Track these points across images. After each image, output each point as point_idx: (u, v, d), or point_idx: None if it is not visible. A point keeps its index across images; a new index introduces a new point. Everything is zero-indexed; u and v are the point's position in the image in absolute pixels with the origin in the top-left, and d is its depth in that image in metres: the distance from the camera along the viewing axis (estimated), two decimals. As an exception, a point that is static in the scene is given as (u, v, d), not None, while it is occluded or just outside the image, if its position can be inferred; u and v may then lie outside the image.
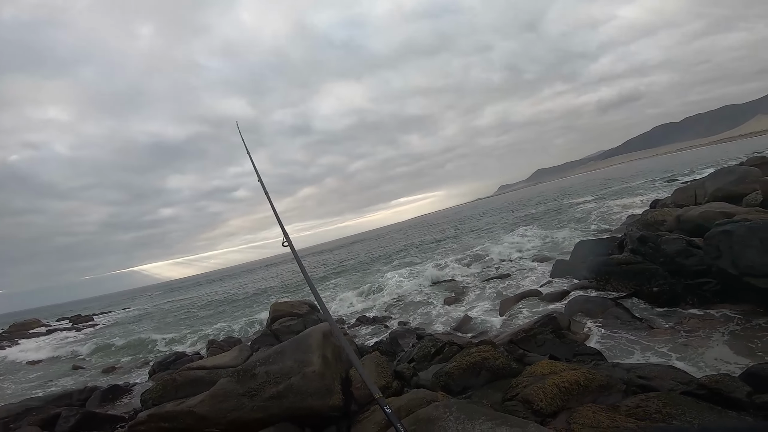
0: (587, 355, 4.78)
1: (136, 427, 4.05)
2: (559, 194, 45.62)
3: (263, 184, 3.64)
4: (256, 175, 3.70)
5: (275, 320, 10.76)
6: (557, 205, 31.15)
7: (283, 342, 5.84)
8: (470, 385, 4.35)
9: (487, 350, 4.76)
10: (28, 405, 5.85)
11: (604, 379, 3.35)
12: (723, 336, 4.90)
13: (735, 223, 6.05)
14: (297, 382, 4.07)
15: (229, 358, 5.74)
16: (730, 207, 8.71)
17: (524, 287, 9.66)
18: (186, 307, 26.90)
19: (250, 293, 26.02)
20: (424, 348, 6.33)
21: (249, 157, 3.74)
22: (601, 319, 6.37)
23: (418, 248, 26.82)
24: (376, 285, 14.59)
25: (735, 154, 35.64)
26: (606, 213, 18.22)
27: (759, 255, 5.16)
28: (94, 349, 14.95)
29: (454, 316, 8.99)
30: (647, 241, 8.29)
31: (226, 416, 3.81)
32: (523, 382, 3.64)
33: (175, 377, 4.94)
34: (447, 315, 9.38)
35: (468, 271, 13.33)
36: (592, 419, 2.66)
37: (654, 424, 2.39)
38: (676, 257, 7.03)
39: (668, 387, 3.15)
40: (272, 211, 3.36)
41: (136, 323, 22.73)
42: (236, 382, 4.13)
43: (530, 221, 23.99)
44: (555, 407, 3.10)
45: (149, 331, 17.16)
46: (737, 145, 66.61)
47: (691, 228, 8.71)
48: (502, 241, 16.75)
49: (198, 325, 16.83)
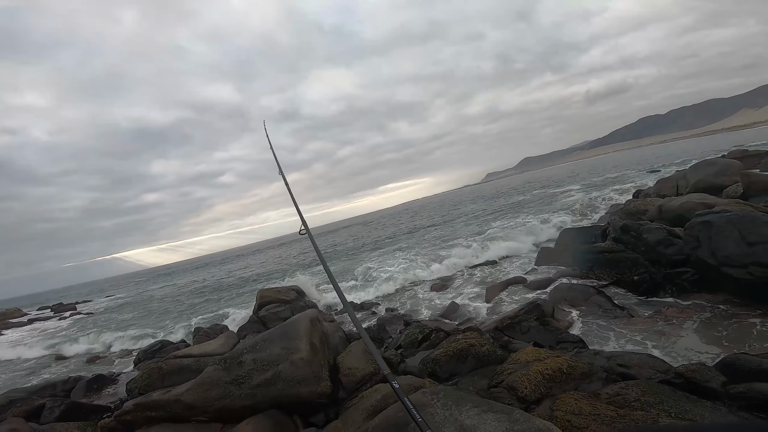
0: (570, 343, 4.91)
1: (123, 417, 4.02)
2: (546, 183, 46.20)
3: (284, 175, 3.62)
4: (278, 168, 3.68)
5: (262, 307, 10.71)
6: (544, 193, 31.56)
7: (271, 329, 5.83)
8: (457, 372, 4.42)
9: (474, 337, 4.83)
10: (12, 396, 5.75)
11: (585, 366, 3.45)
12: (698, 325, 5.08)
13: (715, 214, 6.20)
14: (285, 370, 4.08)
15: (215, 345, 5.71)
16: (710, 198, 8.94)
17: (510, 274, 9.82)
18: (171, 294, 26.62)
19: (237, 280, 25.86)
20: (411, 334, 6.41)
21: (272, 153, 3.72)
22: (583, 306, 6.53)
23: (405, 235, 26.95)
24: (363, 271, 14.63)
25: (718, 146, 36.49)
26: (590, 202, 18.53)
27: (737, 246, 5.32)
28: (77, 338, 14.71)
29: (441, 303, 9.10)
30: (629, 230, 8.48)
31: (214, 404, 3.80)
32: (508, 369, 3.72)
33: (161, 366, 4.89)
34: (434, 301, 9.49)
35: (454, 258, 13.46)
36: (575, 406, 2.74)
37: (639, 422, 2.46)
38: (657, 246, 7.21)
39: (647, 375, 3.26)
40: (294, 204, 3.35)
41: (120, 312, 22.41)
42: (223, 370, 4.12)
43: (517, 209, 24.29)
44: (539, 394, 3.18)
45: (133, 320, 16.96)
46: (720, 139, 68.15)
47: (672, 218, 8.94)
48: (488, 228, 16.93)
49: (183, 312, 16.70)
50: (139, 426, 3.92)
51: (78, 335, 15.22)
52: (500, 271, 10.49)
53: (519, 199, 31.63)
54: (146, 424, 3.91)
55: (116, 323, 17.03)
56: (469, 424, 2.50)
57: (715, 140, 65.58)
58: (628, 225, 8.70)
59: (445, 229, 24.18)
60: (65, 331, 17.50)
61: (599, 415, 2.60)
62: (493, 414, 2.55)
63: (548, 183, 44.61)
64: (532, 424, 2.37)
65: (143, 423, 3.93)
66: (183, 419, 3.88)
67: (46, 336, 17.77)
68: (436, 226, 27.09)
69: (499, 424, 2.41)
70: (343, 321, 9.53)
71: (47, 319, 25.02)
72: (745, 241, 5.27)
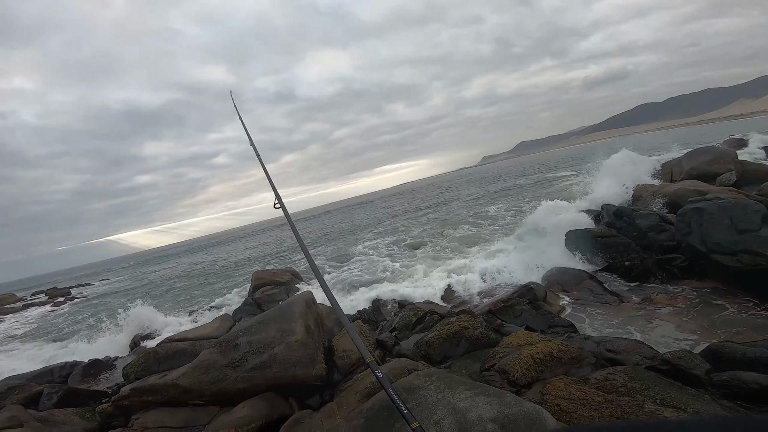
0: (561, 327, 4.99)
1: (120, 402, 4.05)
2: (542, 167, 46.16)
3: (255, 146, 3.55)
4: (248, 137, 3.60)
5: (257, 289, 10.75)
6: (539, 177, 31.58)
7: (266, 311, 5.86)
8: (450, 355, 4.49)
9: (467, 320, 4.89)
10: (10, 383, 5.77)
11: (576, 351, 3.52)
12: (686, 312, 5.17)
13: (707, 201, 6.24)
14: (280, 352, 4.12)
15: (211, 329, 5.75)
16: (703, 185, 9.00)
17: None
18: (165, 277, 26.61)
19: (232, 262, 25.88)
20: (405, 317, 6.48)
21: (241, 122, 3.64)
22: (575, 291, 6.63)
23: (403, 216, 26.99)
24: (359, 253, 14.69)
25: (714, 135, 36.43)
26: (585, 186, 18.60)
27: (728, 233, 5.38)
28: (72, 323, 14.74)
29: (436, 285, 9.16)
30: (622, 215, 8.55)
31: (210, 388, 3.84)
32: (501, 352, 3.79)
33: (157, 350, 4.92)
34: (429, 284, 9.55)
35: (448, 239, 13.55)
36: (564, 391, 2.81)
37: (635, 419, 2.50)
38: (649, 232, 7.28)
39: (634, 361, 3.34)
40: (264, 173, 3.29)
41: (115, 296, 22.40)
42: (219, 353, 4.15)
43: (513, 193, 24.33)
44: (530, 378, 3.25)
45: (128, 304, 17.00)
46: (716, 127, 68.03)
47: (665, 204, 9.01)
48: (484, 211, 16.99)
49: (179, 295, 16.74)
50: (137, 410, 3.96)
51: (73, 321, 15.24)
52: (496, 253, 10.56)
53: (515, 183, 31.65)
54: (143, 408, 3.95)
55: (112, 308, 17.06)
56: (461, 407, 2.55)
57: (712, 129, 65.55)
58: (621, 210, 8.78)
59: (440, 210, 24.22)
60: (61, 318, 17.46)
61: (588, 400, 2.67)
62: (485, 397, 2.60)
63: (545, 167, 44.60)
64: (523, 407, 2.42)
65: (140, 407, 3.97)
66: (180, 403, 3.92)
67: (42, 322, 17.76)
68: (432, 208, 27.14)
69: (491, 408, 2.46)
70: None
71: (42, 305, 24.84)
72: (736, 229, 5.33)
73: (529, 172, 41.64)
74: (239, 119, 3.78)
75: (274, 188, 2.96)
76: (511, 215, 15.81)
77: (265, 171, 3.25)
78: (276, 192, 2.91)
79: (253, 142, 3.56)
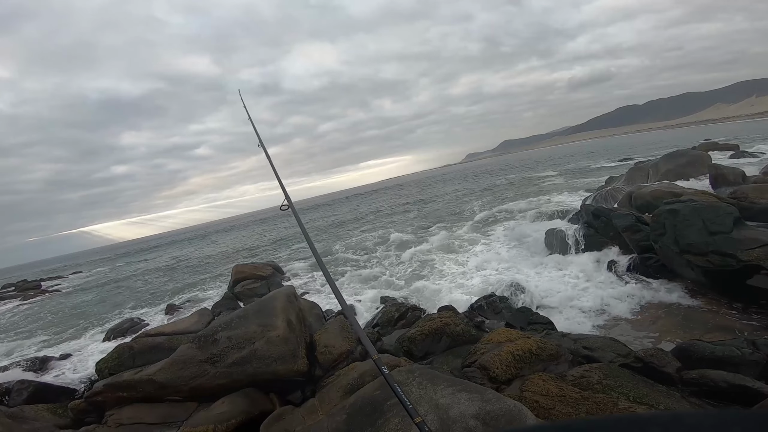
0: (540, 324, 5.10)
1: (93, 398, 3.92)
2: (524, 166, 46.94)
3: (265, 148, 3.47)
4: (258, 140, 3.52)
5: (238, 282, 10.57)
6: (522, 177, 32.09)
7: (246, 306, 5.76)
8: (432, 351, 4.52)
9: (449, 316, 4.94)
10: None
11: (554, 348, 3.60)
12: (658, 311, 5.36)
13: (681, 203, 6.45)
14: (261, 347, 4.06)
15: (189, 323, 5.61)
16: (678, 187, 9.31)
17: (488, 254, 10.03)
18: (141, 270, 25.84)
19: (211, 255, 25.36)
20: (387, 312, 6.50)
21: (252, 125, 3.55)
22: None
23: (387, 213, 26.99)
24: (344, 248, 14.63)
25: (690, 139, 37.74)
26: (565, 187, 19.02)
27: (699, 234, 5.57)
28: (42, 317, 14.17)
29: (421, 282, 9.21)
30: (600, 215, 8.76)
31: (188, 383, 3.75)
32: (481, 349, 3.84)
33: (132, 345, 4.77)
34: (414, 279, 9.58)
35: (435, 238, 13.63)
36: (543, 387, 2.87)
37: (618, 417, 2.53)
38: (625, 232, 7.48)
39: (609, 358, 3.44)
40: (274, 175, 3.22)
41: (88, 290, 21.59)
42: (197, 348, 4.05)
43: (497, 192, 24.64)
44: (510, 375, 3.30)
45: (100, 299, 16.45)
46: (692, 131, 70.50)
47: (641, 205, 9.26)
48: (468, 210, 17.16)
49: (155, 289, 16.29)
50: (111, 407, 3.84)
51: (46, 316, 14.64)
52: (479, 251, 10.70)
53: (497, 182, 32.07)
54: (118, 404, 3.83)
55: (84, 303, 16.47)
56: (443, 403, 2.57)
57: (688, 132, 67.91)
58: (599, 210, 8.98)
59: (426, 206, 24.33)
60: (33, 314, 16.68)
61: (565, 397, 2.73)
62: (467, 394, 2.63)
63: (527, 166, 45.35)
64: (503, 404, 2.46)
65: (115, 404, 3.85)
66: (156, 399, 3.82)
67: (8, 316, 16.98)
68: (418, 202, 27.23)
69: (472, 404, 2.49)
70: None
71: (12, 298, 23.58)
72: (708, 230, 5.53)
73: (513, 171, 42.28)
74: (249, 121, 3.69)
75: (285, 191, 2.92)
76: (490, 214, 16.01)
77: (275, 173, 3.19)
78: (286, 194, 2.87)
79: (262, 142, 3.48)
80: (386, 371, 1.52)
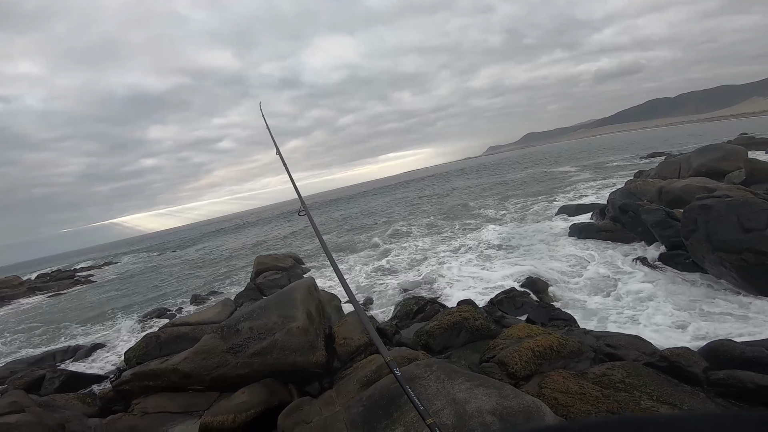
0: (562, 320, 4.98)
1: (121, 386, 4.08)
2: (548, 160, 45.75)
3: (282, 156, 3.54)
4: (276, 148, 3.59)
5: (259, 274, 10.78)
6: (544, 171, 31.32)
7: (268, 297, 5.87)
8: (450, 345, 4.49)
9: (468, 310, 4.87)
10: (13, 368, 5.80)
11: (575, 345, 3.51)
12: (686, 308, 5.14)
13: (715, 199, 6.15)
14: (281, 338, 4.13)
15: (212, 313, 5.77)
16: (712, 182, 8.86)
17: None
18: (170, 261, 26.75)
19: (234, 247, 25.98)
20: (406, 306, 6.49)
21: (273, 142, 3.63)
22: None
23: (410, 205, 26.93)
24: (367, 243, 14.71)
25: (724, 132, 35.78)
26: (590, 181, 18.46)
27: (734, 231, 5.30)
28: (74, 307, 14.82)
29: (441, 274, 9.14)
30: (628, 209, 8.46)
31: (211, 373, 3.86)
32: (500, 344, 3.78)
33: (159, 334, 4.95)
34: (435, 273, 9.52)
35: (454, 231, 13.52)
36: (562, 385, 2.81)
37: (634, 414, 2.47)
38: (654, 227, 7.21)
39: (633, 357, 3.32)
40: (289, 179, 3.30)
41: (119, 281, 22.43)
42: (220, 338, 4.17)
43: (518, 187, 24.15)
44: (529, 371, 3.25)
45: (133, 289, 17.10)
46: (728, 124, 66.78)
47: (672, 200, 8.88)
48: (490, 205, 16.90)
49: (183, 279, 16.84)
50: (137, 395, 3.99)
51: (79, 306, 15.35)
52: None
53: (517, 176, 31.39)
54: (144, 393, 3.97)
55: (115, 293, 17.17)
56: (460, 398, 2.56)
57: (723, 126, 64.37)
58: (626, 204, 8.68)
59: (448, 201, 24.13)
60: (66, 304, 17.49)
61: (585, 395, 2.67)
62: (485, 389, 2.60)
63: (549, 161, 44.19)
64: (522, 400, 2.42)
65: (141, 392, 3.99)
66: (180, 388, 3.94)
67: (49, 308, 17.84)
68: (437, 195, 27.04)
69: (490, 399, 2.47)
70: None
71: (47, 289, 24.37)
72: (743, 227, 5.26)
73: (534, 164, 41.28)
74: (268, 131, 3.76)
75: (301, 198, 2.97)
76: (509, 210, 15.71)
77: (291, 180, 3.24)
78: (302, 201, 2.92)
79: (280, 151, 3.55)
80: (398, 373, 1.51)
